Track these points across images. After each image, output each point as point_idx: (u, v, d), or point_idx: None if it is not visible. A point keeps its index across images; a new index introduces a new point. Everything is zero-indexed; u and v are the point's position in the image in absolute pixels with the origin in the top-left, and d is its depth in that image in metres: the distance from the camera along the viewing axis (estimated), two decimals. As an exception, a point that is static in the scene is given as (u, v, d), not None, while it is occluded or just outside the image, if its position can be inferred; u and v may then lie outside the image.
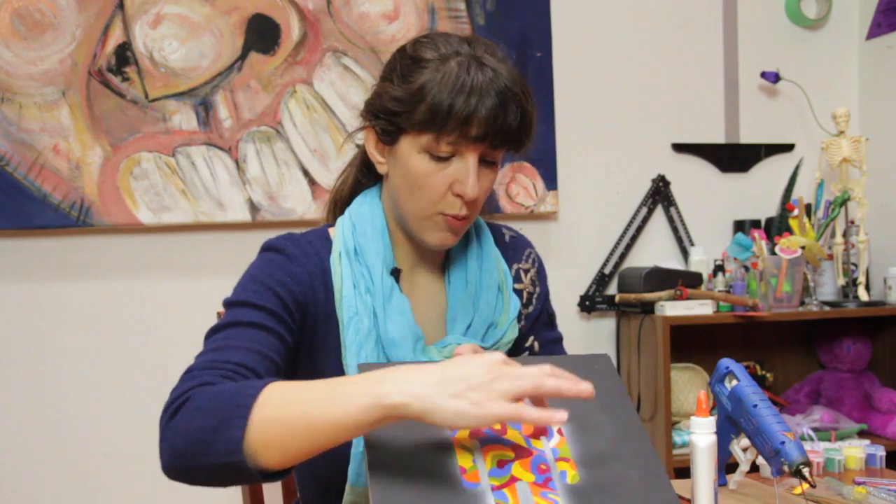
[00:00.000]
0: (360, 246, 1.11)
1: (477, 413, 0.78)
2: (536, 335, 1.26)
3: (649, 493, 0.86)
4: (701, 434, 1.00)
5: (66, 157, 2.03)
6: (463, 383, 0.79)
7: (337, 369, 1.09)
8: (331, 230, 1.17)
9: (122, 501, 2.10)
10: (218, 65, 2.12)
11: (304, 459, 0.84)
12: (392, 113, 1.06)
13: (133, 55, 2.07)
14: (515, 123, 1.05)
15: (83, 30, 2.04)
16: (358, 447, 1.05)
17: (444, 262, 1.19)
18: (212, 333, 1.02)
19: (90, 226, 2.05)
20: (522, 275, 1.26)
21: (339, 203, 1.23)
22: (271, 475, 0.86)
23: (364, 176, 1.23)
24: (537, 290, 1.27)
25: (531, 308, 1.25)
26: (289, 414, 0.82)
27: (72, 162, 2.04)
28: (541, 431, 0.90)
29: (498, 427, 0.90)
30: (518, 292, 1.24)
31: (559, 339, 1.30)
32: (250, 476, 0.84)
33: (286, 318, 1.04)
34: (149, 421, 1.17)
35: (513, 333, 1.18)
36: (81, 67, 2.04)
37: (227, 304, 1.05)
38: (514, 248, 1.27)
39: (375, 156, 1.13)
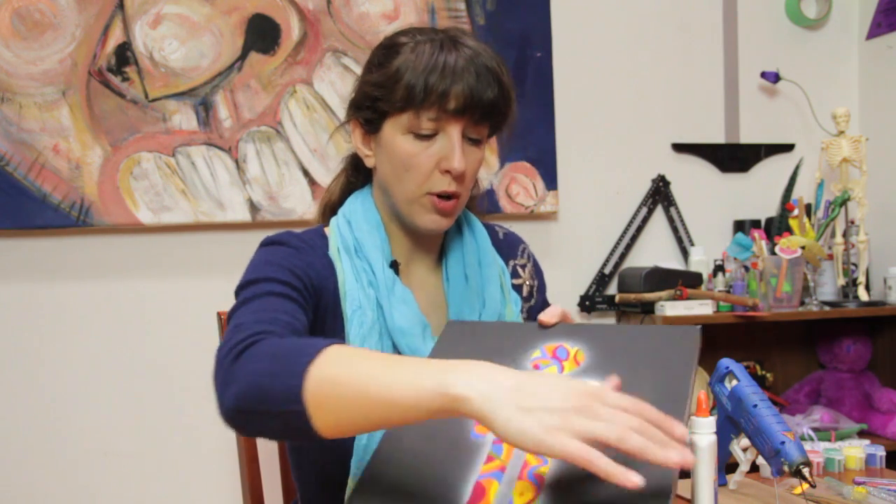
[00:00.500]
0: (358, 241, 1.12)
1: (542, 439, 0.68)
2: None
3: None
4: (701, 434, 1.00)
5: (66, 157, 2.03)
6: (540, 401, 0.70)
7: None
8: (326, 229, 1.18)
9: (122, 501, 2.10)
10: (218, 65, 2.12)
11: (360, 433, 0.79)
12: (373, 99, 1.08)
13: (133, 55, 2.07)
14: (493, 95, 1.06)
15: (83, 30, 2.04)
16: (360, 440, 1.05)
17: (438, 256, 1.20)
18: (238, 308, 0.96)
19: (90, 226, 2.05)
20: (520, 270, 1.27)
21: (331, 206, 1.24)
22: (329, 443, 0.81)
23: (354, 177, 1.24)
24: (536, 282, 1.29)
25: (533, 301, 1.27)
26: (347, 378, 0.76)
27: (72, 162, 2.03)
28: None
29: None
30: (518, 287, 1.25)
31: None
32: (309, 433, 0.77)
33: (306, 296, 1.03)
34: (149, 420, 1.18)
35: None
36: (81, 67, 2.04)
37: (243, 284, 1.01)
38: (508, 245, 1.28)
39: (362, 150, 1.15)
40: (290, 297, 0.99)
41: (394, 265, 1.14)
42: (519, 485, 0.80)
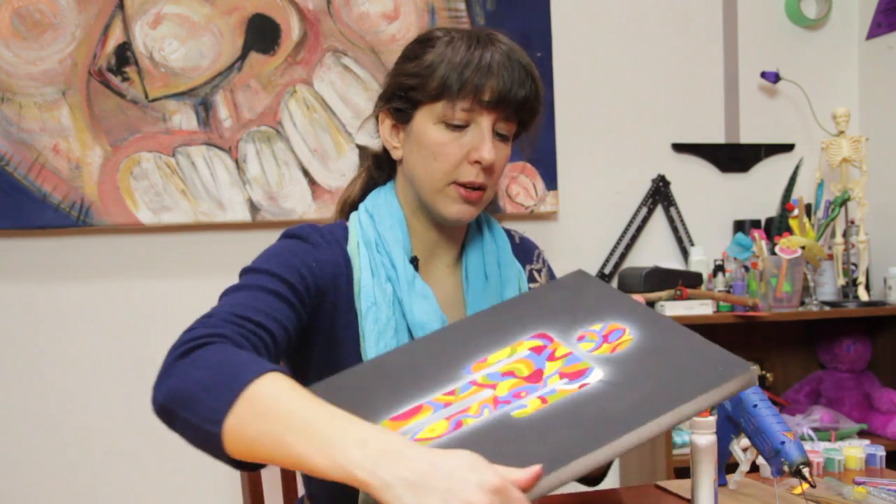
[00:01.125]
0: (380, 235, 1.13)
1: None
2: None
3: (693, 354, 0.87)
4: (701, 434, 1.00)
5: (66, 157, 2.03)
6: (439, 498, 0.68)
7: (355, 360, 1.10)
8: (348, 223, 1.18)
9: (123, 501, 2.10)
10: (218, 65, 2.12)
11: (271, 464, 0.80)
12: (406, 88, 1.10)
13: (133, 55, 2.07)
14: (526, 92, 1.09)
15: (83, 30, 2.04)
16: None
17: (458, 255, 1.21)
18: (230, 291, 0.99)
19: (90, 226, 2.05)
20: (536, 275, 1.28)
21: (350, 204, 1.24)
22: (237, 464, 0.81)
23: (377, 174, 1.24)
24: None
25: None
26: (269, 419, 0.76)
27: (72, 162, 2.04)
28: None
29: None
30: None
31: None
32: (218, 454, 0.80)
33: (304, 297, 1.04)
34: (149, 420, 1.18)
35: None
36: (81, 67, 2.04)
37: (246, 270, 1.04)
38: (524, 250, 1.29)
39: (390, 142, 1.16)
40: (281, 296, 0.99)
41: (413, 261, 1.14)
42: (439, 423, 0.83)
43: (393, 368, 0.92)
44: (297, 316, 1.01)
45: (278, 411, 0.76)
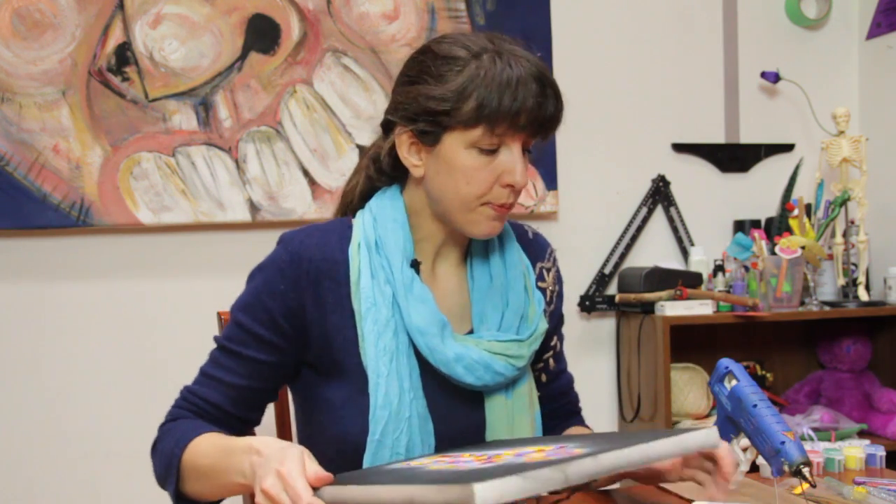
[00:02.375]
0: (380, 238, 1.13)
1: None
2: (556, 334, 1.29)
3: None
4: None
5: (66, 157, 2.03)
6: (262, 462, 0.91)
7: (355, 359, 1.11)
8: (353, 220, 1.17)
9: (123, 501, 2.10)
10: (218, 65, 2.12)
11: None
12: (434, 113, 1.07)
13: (133, 55, 2.07)
14: (554, 110, 1.09)
15: (83, 30, 2.04)
16: (374, 434, 1.07)
17: (464, 255, 1.21)
18: (214, 347, 1.15)
19: (90, 226, 2.05)
20: (545, 273, 1.28)
21: (353, 209, 1.22)
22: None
23: (377, 180, 1.21)
24: (557, 288, 1.30)
25: (553, 306, 1.28)
26: (199, 475, 1.03)
27: (72, 162, 2.03)
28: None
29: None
30: (542, 290, 1.25)
31: (562, 338, 1.32)
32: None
33: (273, 339, 1.11)
34: (149, 420, 1.18)
35: (544, 325, 1.20)
36: (81, 67, 2.04)
37: (230, 313, 1.15)
38: (537, 247, 1.29)
39: (409, 159, 1.13)
40: (247, 358, 1.11)
41: (414, 264, 1.14)
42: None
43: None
44: (267, 367, 1.12)
45: (199, 467, 1.03)
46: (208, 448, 1.03)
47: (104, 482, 2.10)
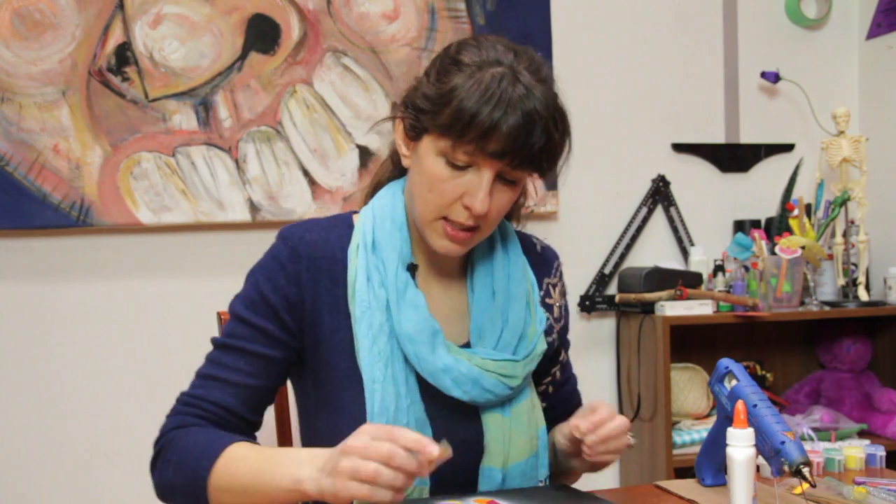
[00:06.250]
0: (377, 240, 1.11)
1: (330, 489, 0.90)
2: (563, 346, 1.28)
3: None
4: (738, 447, 0.96)
5: (66, 157, 2.03)
6: (333, 460, 0.90)
7: (349, 362, 1.09)
8: (355, 217, 1.16)
9: (124, 501, 2.09)
10: (218, 65, 2.12)
11: None
12: (419, 110, 1.06)
13: (133, 55, 2.07)
14: (538, 146, 1.04)
15: (83, 30, 2.04)
16: None
17: (466, 263, 1.18)
18: (213, 348, 1.12)
19: (90, 226, 2.05)
20: (552, 289, 1.26)
21: (378, 189, 1.20)
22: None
23: (396, 166, 1.20)
24: (564, 301, 1.28)
25: (562, 322, 1.26)
26: (235, 485, 0.99)
27: (72, 162, 2.03)
28: None
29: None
30: (549, 307, 1.23)
31: (568, 346, 1.31)
32: None
33: (278, 333, 1.09)
34: (150, 421, 1.18)
35: (542, 346, 1.16)
36: (81, 67, 2.04)
37: (230, 311, 1.12)
38: (545, 262, 1.27)
39: (401, 147, 1.12)
40: (250, 353, 1.08)
41: (411, 268, 1.11)
42: None
43: None
44: (268, 362, 1.09)
45: (237, 475, 0.99)
46: (249, 453, 1.00)
47: (105, 482, 2.10)
